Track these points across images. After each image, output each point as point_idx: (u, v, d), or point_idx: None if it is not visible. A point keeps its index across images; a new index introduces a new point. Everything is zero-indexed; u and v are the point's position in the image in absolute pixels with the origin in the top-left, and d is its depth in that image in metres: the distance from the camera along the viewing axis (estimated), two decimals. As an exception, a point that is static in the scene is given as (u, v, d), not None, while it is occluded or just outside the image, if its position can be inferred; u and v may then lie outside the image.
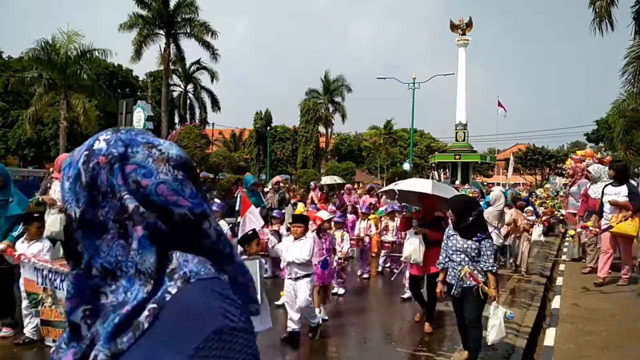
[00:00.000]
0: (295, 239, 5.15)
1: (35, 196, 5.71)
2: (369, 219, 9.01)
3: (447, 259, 4.44)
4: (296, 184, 25.49)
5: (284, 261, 5.25)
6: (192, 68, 40.33)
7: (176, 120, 42.81)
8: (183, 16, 30.20)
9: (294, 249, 5.11)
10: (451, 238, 4.41)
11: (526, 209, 10.24)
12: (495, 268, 4.24)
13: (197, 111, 42.91)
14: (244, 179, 10.19)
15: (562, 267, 9.62)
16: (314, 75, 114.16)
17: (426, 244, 5.58)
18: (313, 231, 5.97)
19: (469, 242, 4.26)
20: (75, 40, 22.85)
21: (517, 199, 9.74)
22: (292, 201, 12.56)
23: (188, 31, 30.60)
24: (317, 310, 5.92)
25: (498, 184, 28.90)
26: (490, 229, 7.77)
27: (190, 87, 42.84)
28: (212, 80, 37.96)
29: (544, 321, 6.44)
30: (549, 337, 5.11)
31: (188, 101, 43.21)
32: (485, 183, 36.08)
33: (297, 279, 5.11)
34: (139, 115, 13.23)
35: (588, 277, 8.09)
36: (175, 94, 42.22)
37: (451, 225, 4.49)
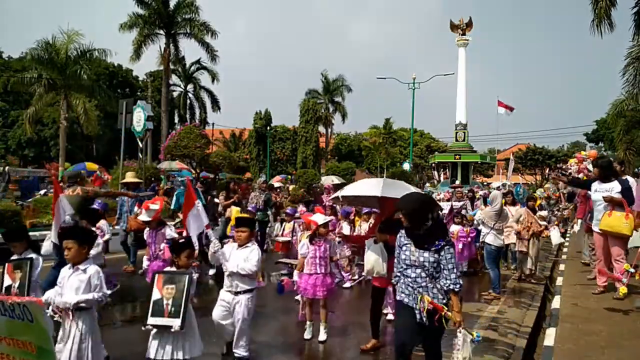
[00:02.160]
0: (239, 246, 4.43)
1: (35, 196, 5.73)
2: (347, 221, 8.56)
3: (399, 274, 3.58)
4: (296, 183, 25.47)
5: (225, 270, 4.44)
6: (192, 68, 40.40)
7: (176, 120, 42.88)
8: (183, 16, 30.20)
9: (238, 257, 4.37)
10: (404, 248, 3.51)
11: (539, 213, 9.98)
12: (458, 286, 3.35)
13: (197, 111, 43.02)
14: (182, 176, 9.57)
15: (562, 267, 9.62)
16: (314, 75, 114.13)
17: (389, 251, 4.76)
18: (308, 237, 5.45)
19: (426, 253, 3.39)
20: (75, 40, 22.84)
21: (530, 197, 9.56)
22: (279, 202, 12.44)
23: (188, 31, 30.60)
24: (322, 327, 5.31)
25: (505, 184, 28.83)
26: (486, 229, 7.77)
27: (190, 87, 42.94)
28: (212, 81, 38.01)
29: (544, 321, 6.45)
30: (549, 337, 5.11)
31: (188, 101, 43.28)
32: (485, 183, 36.12)
33: (237, 293, 4.36)
34: (139, 115, 13.24)
35: (589, 277, 8.07)
36: (175, 94, 42.28)
37: (403, 232, 3.57)
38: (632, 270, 5.70)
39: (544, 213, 10.47)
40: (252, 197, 11.08)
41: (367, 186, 5.50)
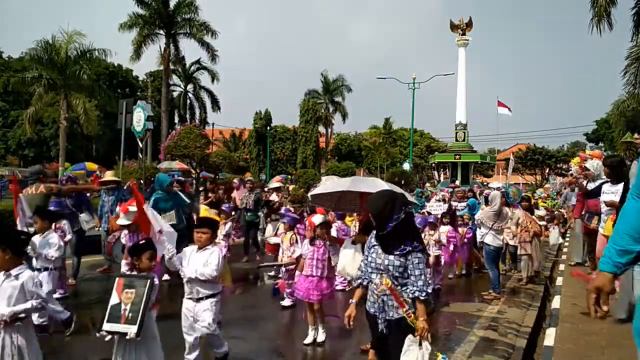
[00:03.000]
0: (199, 248, 4.06)
1: None
2: (339, 222, 8.16)
3: (366, 278, 3.27)
4: (296, 183, 25.48)
5: (183, 277, 4.06)
6: (192, 68, 40.43)
7: (176, 120, 42.91)
8: (183, 16, 30.22)
9: (197, 261, 3.99)
10: (371, 250, 3.22)
11: (537, 212, 9.84)
12: (424, 294, 3.02)
13: (197, 111, 43.06)
14: (157, 179, 8.39)
15: (562, 267, 9.61)
16: (314, 75, 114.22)
17: None
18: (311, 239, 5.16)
19: (391, 257, 3.08)
20: (75, 40, 22.84)
21: (522, 198, 9.42)
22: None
23: (188, 31, 30.61)
24: (321, 328, 5.17)
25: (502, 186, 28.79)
26: (484, 230, 7.74)
27: (190, 87, 42.96)
28: (212, 81, 38.05)
29: (544, 321, 6.44)
30: (549, 337, 5.10)
31: (188, 101, 43.30)
32: (485, 183, 36.14)
33: (199, 299, 4.00)
34: (139, 115, 13.19)
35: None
36: (175, 94, 42.30)
37: (374, 233, 3.28)
38: None
39: (541, 212, 10.29)
40: (242, 197, 10.64)
41: (335, 183, 5.26)
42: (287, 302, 6.61)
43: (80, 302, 6.63)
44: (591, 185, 7.84)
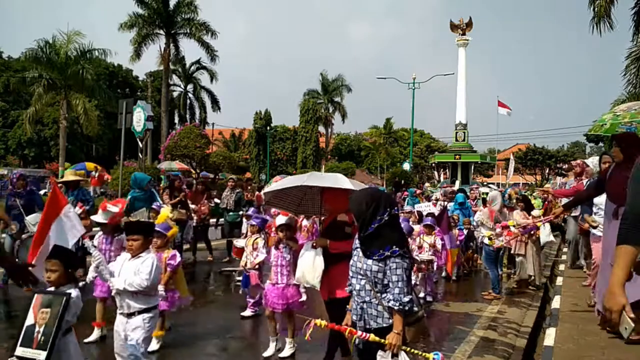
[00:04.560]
0: (133, 256, 3.66)
1: None
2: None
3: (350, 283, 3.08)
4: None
5: (112, 288, 3.58)
6: (192, 68, 40.45)
7: (176, 120, 42.95)
8: (183, 16, 30.25)
9: (128, 270, 3.57)
10: (354, 253, 3.03)
11: (532, 212, 9.74)
12: (398, 304, 2.76)
13: (197, 111, 43.11)
14: (134, 177, 8.01)
15: (562, 267, 9.62)
16: (314, 75, 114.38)
17: (329, 258, 4.09)
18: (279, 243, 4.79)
19: (369, 261, 2.87)
20: (75, 40, 22.86)
21: (518, 199, 9.36)
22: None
23: (188, 31, 30.64)
24: (288, 342, 4.68)
25: (499, 184, 28.88)
26: (484, 230, 7.71)
27: (190, 87, 43.00)
28: (211, 80, 38.07)
29: (544, 321, 6.44)
30: (549, 337, 5.10)
31: (188, 101, 43.33)
32: (484, 183, 36.16)
33: (130, 315, 3.55)
34: (139, 115, 13.21)
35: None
36: (175, 94, 42.33)
37: (357, 235, 3.07)
38: None
39: (535, 213, 10.16)
40: (223, 197, 10.43)
41: (290, 179, 4.87)
42: (248, 312, 6.17)
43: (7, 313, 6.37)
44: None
